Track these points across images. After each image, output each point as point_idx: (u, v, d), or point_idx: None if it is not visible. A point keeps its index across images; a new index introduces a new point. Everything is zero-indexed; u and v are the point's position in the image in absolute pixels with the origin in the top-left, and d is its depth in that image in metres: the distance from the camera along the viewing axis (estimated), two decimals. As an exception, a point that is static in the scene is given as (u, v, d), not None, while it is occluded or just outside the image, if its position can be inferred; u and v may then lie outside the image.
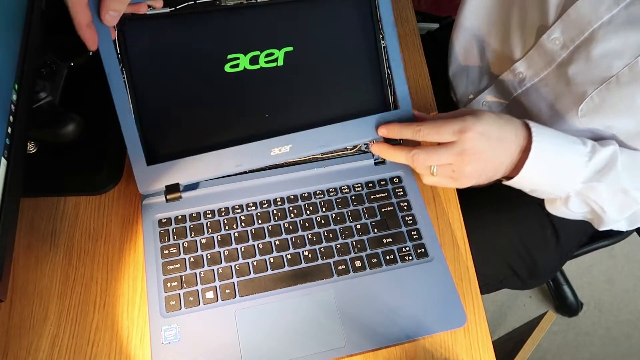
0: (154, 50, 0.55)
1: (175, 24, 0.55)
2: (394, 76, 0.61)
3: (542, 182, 0.56)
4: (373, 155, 0.62)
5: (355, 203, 0.59)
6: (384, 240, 0.57)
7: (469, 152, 0.53)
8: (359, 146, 0.63)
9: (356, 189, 0.61)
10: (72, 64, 0.61)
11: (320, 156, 0.62)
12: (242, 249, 0.55)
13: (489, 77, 0.70)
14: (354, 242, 0.57)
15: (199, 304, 0.52)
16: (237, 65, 0.57)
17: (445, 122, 0.54)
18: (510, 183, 0.57)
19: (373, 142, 0.62)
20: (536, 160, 0.53)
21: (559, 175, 0.55)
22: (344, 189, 0.60)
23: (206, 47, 0.56)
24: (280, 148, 0.59)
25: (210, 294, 0.53)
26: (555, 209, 0.62)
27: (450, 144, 0.53)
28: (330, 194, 0.60)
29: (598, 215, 0.59)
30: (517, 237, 0.73)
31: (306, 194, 0.60)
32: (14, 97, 0.47)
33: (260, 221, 0.57)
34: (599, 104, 0.54)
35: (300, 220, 0.58)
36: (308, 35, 0.59)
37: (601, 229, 0.61)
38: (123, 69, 0.54)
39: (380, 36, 0.60)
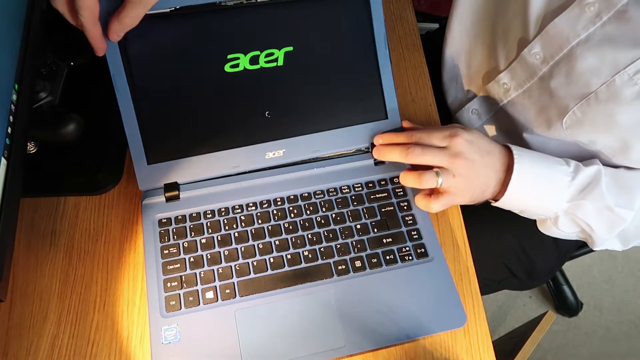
0: (154, 50, 0.55)
1: (176, 24, 0.55)
2: (383, 86, 0.61)
3: (528, 202, 0.58)
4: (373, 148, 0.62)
5: (355, 203, 0.59)
6: (384, 240, 0.57)
7: (462, 156, 0.55)
8: (359, 146, 0.63)
9: (356, 189, 0.61)
10: (72, 64, 0.61)
11: (320, 156, 0.62)
12: (242, 249, 0.55)
13: (476, 86, 0.70)
14: (354, 242, 0.57)
15: (199, 304, 0.52)
16: (237, 65, 0.57)
17: (436, 128, 0.58)
18: (498, 204, 0.59)
19: (371, 146, 0.62)
20: (520, 179, 0.55)
21: (543, 194, 0.57)
22: (344, 189, 0.61)
23: (206, 47, 0.56)
24: (274, 152, 0.60)
25: (210, 294, 0.53)
26: (546, 229, 0.63)
27: (444, 148, 0.56)
28: (330, 194, 0.60)
29: (588, 234, 0.60)
30: (514, 239, 0.73)
31: (306, 194, 0.60)
32: (14, 97, 0.47)
33: (260, 221, 0.57)
34: (581, 118, 0.55)
35: (300, 220, 0.58)
36: (308, 35, 0.59)
37: (595, 248, 0.63)
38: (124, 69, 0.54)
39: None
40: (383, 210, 0.59)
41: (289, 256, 0.55)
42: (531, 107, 0.61)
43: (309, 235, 0.57)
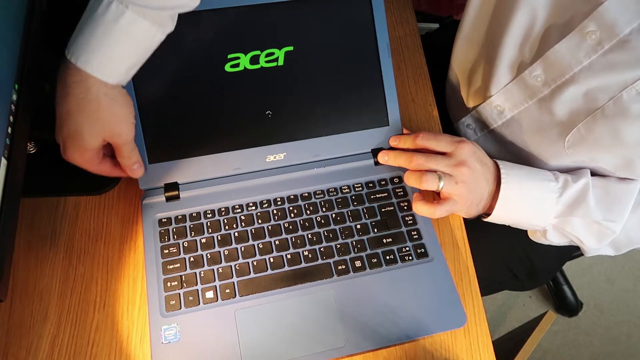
0: (155, 50, 0.55)
1: (177, 24, 0.55)
2: (385, 92, 0.61)
3: (516, 218, 0.59)
4: (373, 155, 0.62)
5: (355, 203, 0.59)
6: (384, 240, 0.57)
7: (466, 164, 0.56)
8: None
9: (356, 189, 0.61)
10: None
11: (320, 159, 0.62)
12: (242, 248, 0.55)
13: (473, 103, 0.70)
14: (354, 242, 0.57)
15: (199, 304, 0.52)
16: (237, 65, 0.57)
17: (443, 134, 0.58)
18: (489, 219, 0.60)
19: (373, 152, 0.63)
20: (507, 197, 0.56)
21: (531, 211, 0.57)
22: (344, 189, 0.60)
23: (207, 47, 0.56)
24: (275, 155, 0.60)
25: (210, 294, 0.53)
26: (537, 239, 0.64)
27: (448, 155, 0.57)
28: (331, 193, 0.60)
29: (578, 244, 0.61)
30: (515, 240, 0.73)
31: (306, 194, 0.60)
32: (14, 97, 0.47)
33: (260, 221, 0.57)
34: (585, 136, 0.54)
35: (300, 220, 0.58)
36: (309, 35, 0.59)
37: (587, 256, 0.63)
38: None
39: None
40: (383, 210, 0.59)
41: (289, 256, 0.55)
42: (529, 126, 0.60)
43: (309, 235, 0.57)
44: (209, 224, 0.57)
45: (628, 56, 0.48)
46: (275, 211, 0.58)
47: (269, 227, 0.57)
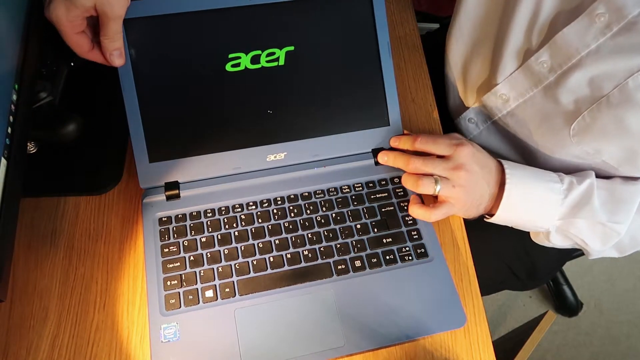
0: (155, 50, 0.55)
1: (177, 23, 0.55)
2: (386, 93, 0.61)
3: (519, 220, 0.59)
4: (374, 155, 0.62)
5: (355, 203, 0.59)
6: (384, 240, 0.57)
7: (463, 167, 0.55)
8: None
9: (356, 189, 0.61)
10: (72, 63, 0.61)
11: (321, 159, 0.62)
12: (242, 248, 0.55)
13: (473, 96, 0.70)
14: (354, 242, 0.57)
15: (199, 303, 0.52)
16: (238, 65, 0.57)
17: (442, 136, 0.58)
18: (492, 220, 0.60)
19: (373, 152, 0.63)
20: (511, 198, 0.56)
21: (535, 212, 0.57)
22: (344, 189, 0.61)
23: (208, 46, 0.56)
24: (275, 155, 0.60)
25: (210, 293, 0.53)
26: (540, 241, 0.64)
27: (446, 158, 0.57)
28: (331, 193, 0.60)
29: (582, 247, 0.60)
30: (516, 239, 0.73)
31: (306, 194, 0.60)
32: (14, 97, 0.47)
33: (260, 220, 0.57)
34: (590, 124, 0.54)
35: (300, 220, 0.58)
36: (309, 35, 0.59)
37: (591, 258, 0.63)
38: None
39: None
40: (383, 210, 0.59)
41: (288, 255, 0.55)
42: (534, 115, 0.60)
43: (309, 235, 0.57)
44: (209, 223, 0.57)
45: (635, 39, 0.48)
46: (275, 210, 0.58)
47: (269, 227, 0.57)
